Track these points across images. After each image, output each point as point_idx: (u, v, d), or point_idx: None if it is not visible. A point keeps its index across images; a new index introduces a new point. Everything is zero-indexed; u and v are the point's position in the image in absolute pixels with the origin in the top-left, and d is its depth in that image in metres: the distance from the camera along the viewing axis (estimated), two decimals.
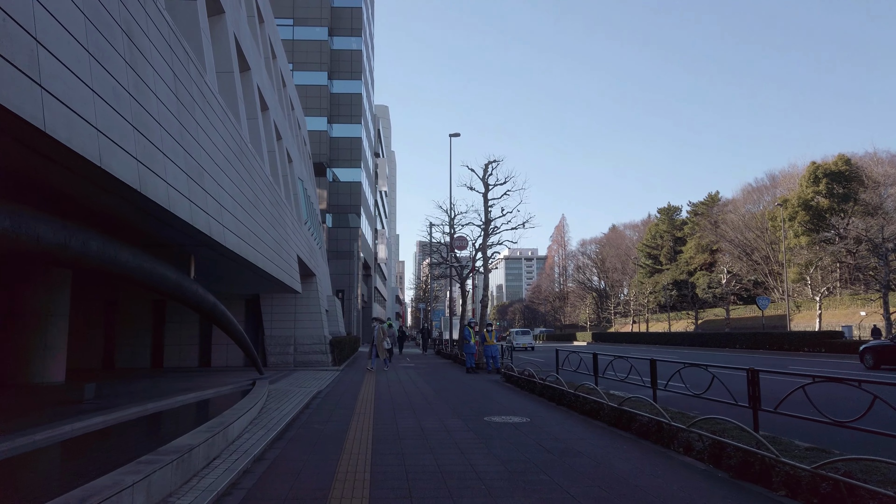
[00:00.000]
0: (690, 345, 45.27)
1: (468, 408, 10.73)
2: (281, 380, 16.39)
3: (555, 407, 10.98)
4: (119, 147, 5.97)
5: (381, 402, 11.67)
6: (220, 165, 8.80)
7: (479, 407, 10.85)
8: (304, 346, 22.28)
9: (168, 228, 7.72)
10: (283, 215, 14.98)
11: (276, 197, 14.17)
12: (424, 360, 27.94)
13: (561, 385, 11.39)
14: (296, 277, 15.80)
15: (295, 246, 16.44)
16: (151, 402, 9.59)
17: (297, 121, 31.55)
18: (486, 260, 25.06)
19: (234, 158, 9.71)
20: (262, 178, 12.57)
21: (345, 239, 53.53)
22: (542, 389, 12.48)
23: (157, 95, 7.22)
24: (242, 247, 9.35)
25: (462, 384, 15.57)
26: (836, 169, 66.99)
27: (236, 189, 9.55)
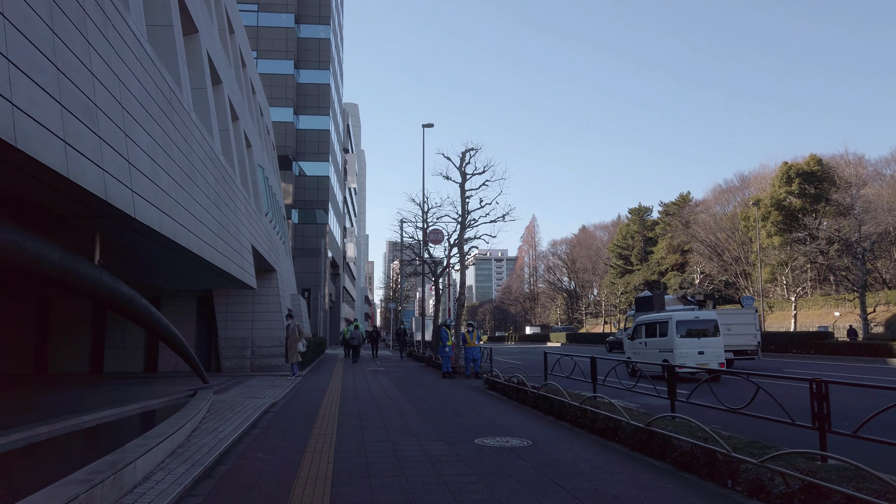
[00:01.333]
0: None
1: (453, 425, 8.86)
2: (231, 388, 14.29)
3: (555, 423, 9.17)
4: None
5: (347, 417, 9.72)
6: (133, 113, 6.80)
7: (466, 423, 8.98)
8: (263, 348, 20.15)
9: (35, 185, 5.53)
10: (233, 198, 12.93)
11: (223, 175, 12.12)
12: (396, 364, 25.98)
13: (561, 396, 9.59)
14: (249, 271, 13.75)
15: (249, 235, 14.37)
16: (58, 420, 7.53)
17: (258, 106, 29.31)
18: (462, 256, 23.24)
19: (159, 114, 7.70)
20: (206, 150, 10.54)
21: (311, 235, 51.19)
22: (536, 400, 10.68)
23: None
24: (165, 223, 7.33)
25: (441, 392, 13.69)
26: (809, 169, 66.98)
27: (160, 150, 7.56)
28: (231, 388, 14.24)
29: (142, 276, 13.42)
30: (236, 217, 12.75)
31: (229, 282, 13.20)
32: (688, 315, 17.92)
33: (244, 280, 12.71)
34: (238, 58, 23.44)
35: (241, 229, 13.16)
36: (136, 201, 6.55)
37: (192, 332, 20.42)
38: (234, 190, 13.72)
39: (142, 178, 6.81)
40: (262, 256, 17.78)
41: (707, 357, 16.37)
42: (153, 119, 7.39)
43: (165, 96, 8.39)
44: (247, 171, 19.63)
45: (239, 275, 12.23)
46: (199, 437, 7.46)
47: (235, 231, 12.39)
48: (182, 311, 20.41)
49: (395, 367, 23.24)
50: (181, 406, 9.25)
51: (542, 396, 10.39)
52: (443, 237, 23.66)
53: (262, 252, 17.33)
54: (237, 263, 11.98)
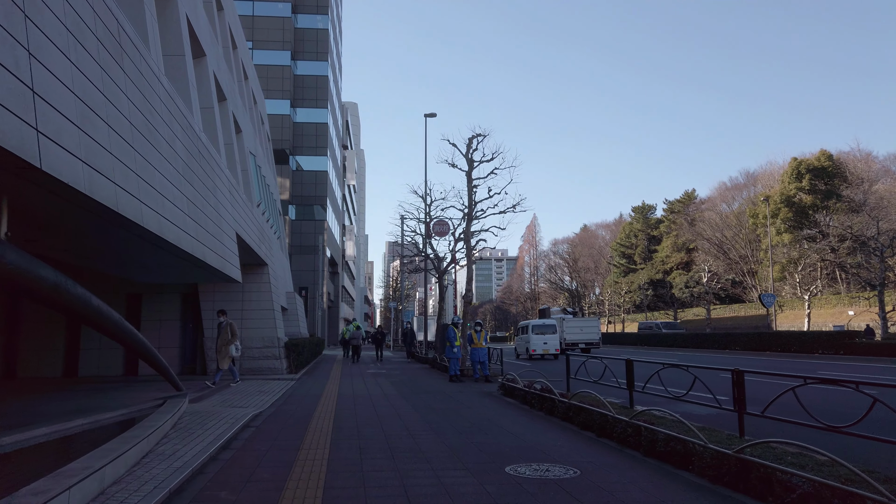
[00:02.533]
0: (683, 346, 42.12)
1: (474, 445, 7.18)
2: (212, 395, 12.60)
3: (595, 441, 7.50)
4: None
5: (343, 434, 8.04)
6: (61, 47, 5.14)
7: (490, 443, 7.31)
8: (253, 350, 18.46)
9: None
10: (213, 178, 11.24)
11: (200, 150, 10.44)
12: (398, 366, 24.29)
13: (602, 408, 7.91)
14: (232, 262, 12.06)
15: (233, 222, 12.68)
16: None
17: (251, 93, 27.65)
18: (469, 250, 21.54)
19: (108, 60, 6.03)
20: (178, 117, 8.85)
21: (309, 232, 49.47)
22: (566, 411, 9.00)
23: None
24: (99, 185, 5.61)
25: (451, 400, 12.00)
26: (819, 164, 65.25)
27: (104, 101, 5.89)
28: (212, 395, 12.56)
29: (102, 265, 11.72)
30: (216, 199, 11.07)
31: (207, 273, 11.51)
32: (538, 321, 30.17)
33: (225, 271, 11.04)
34: (228, 37, 21.77)
35: (223, 213, 11.48)
36: (58, 156, 4.87)
37: (176, 331, 18.74)
38: (216, 170, 12.05)
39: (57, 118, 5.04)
40: (251, 248, 16.10)
41: (548, 346, 28.48)
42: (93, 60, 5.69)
43: (117, 41, 6.72)
44: (235, 157, 17.96)
45: (218, 264, 10.55)
46: (148, 466, 5.77)
47: (215, 215, 10.72)
48: (165, 310, 18.73)
49: (397, 370, 21.56)
50: (140, 420, 7.58)
51: (576, 407, 8.70)
52: (448, 228, 21.93)
53: (250, 243, 15.65)
54: (216, 251, 10.32)
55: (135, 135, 6.59)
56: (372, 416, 9.68)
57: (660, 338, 44.89)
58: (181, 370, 18.75)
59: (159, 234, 7.14)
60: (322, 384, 15.81)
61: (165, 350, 18.49)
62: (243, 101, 23.85)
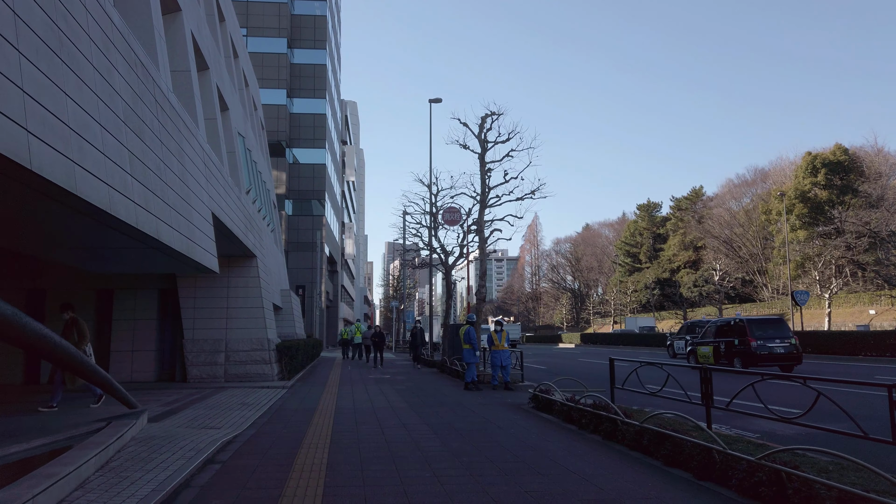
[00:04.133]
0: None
1: (532, 499, 4.95)
2: (183, 409, 10.38)
3: (696, 487, 5.28)
4: None
5: (342, 478, 5.81)
6: None
7: (556, 494, 5.08)
8: (240, 353, 16.24)
9: None
10: (179, 142, 9.03)
11: (158, 100, 8.21)
12: (402, 370, 22.05)
13: (710, 441, 5.68)
14: (206, 247, 9.81)
15: (209, 200, 10.45)
16: None
17: (242, 72, 25.46)
18: (483, 241, 19.34)
19: None
20: (120, 45, 6.63)
21: (307, 228, 47.22)
22: (636, 438, 6.80)
23: None
24: None
25: (476, 416, 9.77)
26: (835, 159, 62.99)
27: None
28: (183, 410, 10.33)
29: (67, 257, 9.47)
30: (182, 167, 8.86)
31: (171, 260, 9.28)
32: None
33: (193, 256, 8.82)
34: (214, 3, 19.58)
35: (193, 187, 9.24)
36: None
37: (153, 332, 16.52)
38: (186, 136, 9.83)
39: None
40: (236, 236, 13.88)
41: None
42: None
43: None
44: (219, 134, 15.76)
45: (182, 247, 8.34)
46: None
47: (179, 185, 8.52)
48: (140, 308, 16.51)
49: (401, 375, 19.34)
50: (63, 452, 5.36)
51: (653, 434, 6.48)
52: (460, 216, 19.67)
53: (234, 230, 13.43)
54: (179, 230, 8.12)
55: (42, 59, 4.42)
56: (378, 441, 7.46)
57: (659, 338, 42.49)
58: (158, 376, 16.54)
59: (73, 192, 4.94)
60: (318, 393, 13.59)
61: (140, 354, 16.30)
62: (232, 78, 21.66)
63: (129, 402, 7.94)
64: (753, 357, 18.86)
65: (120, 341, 16.19)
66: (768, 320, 20.37)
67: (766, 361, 18.69)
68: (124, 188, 6.02)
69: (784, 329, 19.78)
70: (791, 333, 19.75)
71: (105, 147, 5.58)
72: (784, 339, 19.42)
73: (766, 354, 18.83)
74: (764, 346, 19.03)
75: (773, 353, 18.82)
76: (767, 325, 19.93)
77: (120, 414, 7.86)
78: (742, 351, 19.41)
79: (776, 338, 19.35)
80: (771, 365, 18.67)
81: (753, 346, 19.01)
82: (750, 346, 19.07)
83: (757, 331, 19.51)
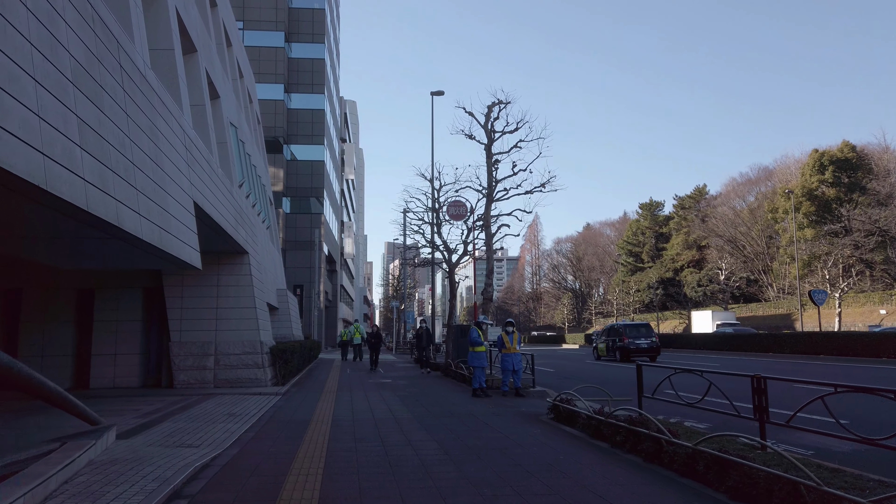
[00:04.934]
0: (730, 348, 36.77)
1: None
2: (162, 421, 9.27)
3: None
4: None
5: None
6: None
7: None
8: (230, 356, 15.14)
9: None
10: (153, 118, 7.93)
11: (125, 67, 7.11)
12: (402, 373, 20.95)
13: (799, 473, 4.56)
14: (184, 239, 8.65)
15: (190, 187, 9.31)
16: None
17: (236, 62, 24.35)
18: (489, 237, 18.25)
19: None
20: (92, 19, 5.54)
21: (305, 227, 46.09)
22: (689, 463, 5.71)
23: None
24: None
25: (490, 430, 8.67)
26: (843, 156, 61.87)
27: None
28: (162, 422, 9.23)
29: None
30: (156, 147, 7.76)
31: (146, 254, 8.16)
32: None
33: (169, 250, 7.69)
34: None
35: (170, 171, 8.12)
36: None
37: (137, 335, 15.42)
38: (162, 113, 8.73)
39: None
40: (224, 230, 12.76)
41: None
42: None
43: None
44: (208, 123, 14.66)
45: (153, 238, 7.22)
46: None
47: (153, 170, 7.41)
48: (123, 309, 15.42)
49: (403, 379, 18.25)
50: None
51: (712, 459, 5.38)
52: (466, 211, 18.54)
53: (222, 224, 12.32)
54: (149, 217, 7.01)
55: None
56: (381, 466, 6.36)
57: (685, 339, 41.34)
58: (143, 382, 15.45)
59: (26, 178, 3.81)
60: (313, 401, 12.49)
61: (123, 358, 15.21)
62: (224, 67, 20.55)
63: (90, 417, 6.83)
64: (626, 350, 26.25)
65: (102, 344, 15.10)
66: (638, 325, 28.55)
67: (635, 354, 25.57)
68: (69, 161, 4.93)
69: (649, 331, 27.59)
70: (654, 335, 27.32)
71: (41, 108, 4.50)
72: (648, 338, 26.82)
73: (634, 349, 26.02)
74: (633, 342, 26.44)
75: (640, 347, 26.14)
76: (638, 328, 27.91)
77: (80, 432, 6.75)
78: (620, 346, 26.71)
79: (642, 337, 26.80)
80: (639, 356, 24.94)
81: (626, 342, 26.59)
82: (625, 342, 26.65)
83: (630, 332, 27.23)
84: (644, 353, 25.63)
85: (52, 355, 14.99)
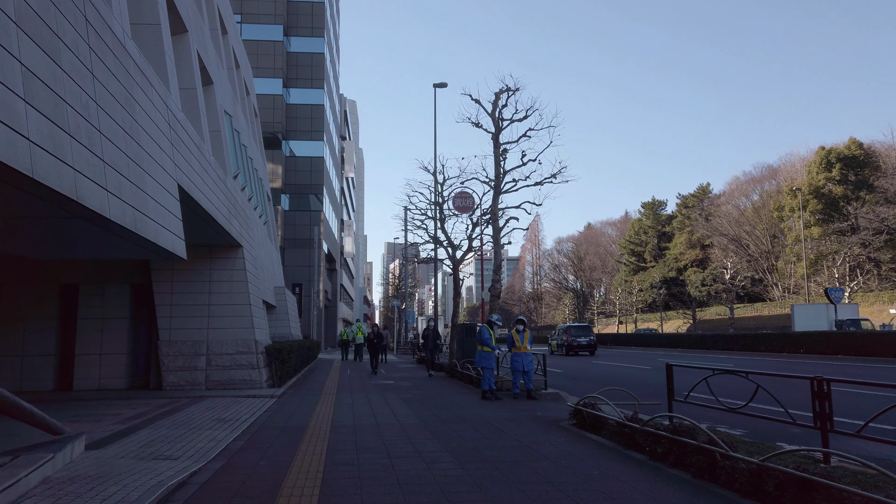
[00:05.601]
0: (739, 348, 35.65)
1: None
2: (144, 427, 8.36)
3: None
4: None
5: None
6: None
7: None
8: (223, 356, 14.22)
9: None
10: (132, 90, 7.04)
11: (104, 34, 6.22)
12: (405, 374, 20.03)
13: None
14: (170, 227, 7.71)
15: (174, 169, 8.37)
16: None
17: (232, 50, 23.45)
18: (497, 231, 17.34)
19: None
20: None
21: (304, 224, 45.16)
22: (755, 482, 4.80)
23: None
24: None
25: (507, 438, 7.75)
26: (850, 153, 60.93)
27: None
28: (142, 429, 8.31)
29: None
30: (133, 120, 6.85)
31: (121, 239, 7.20)
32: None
33: (145, 235, 6.77)
34: None
35: (149, 147, 7.16)
36: None
37: (124, 334, 14.49)
38: (142, 85, 7.83)
39: None
40: (216, 221, 11.86)
41: None
42: None
43: None
44: (199, 107, 13.76)
45: (129, 221, 6.30)
46: None
47: (127, 143, 6.51)
48: (110, 305, 14.50)
49: (406, 381, 17.34)
50: None
51: (801, 482, 4.47)
52: (473, 202, 17.57)
53: (212, 213, 11.41)
54: (124, 198, 6.09)
55: None
56: (387, 482, 5.44)
57: (694, 339, 40.34)
58: (131, 383, 14.53)
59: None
60: (311, 404, 11.58)
61: (110, 358, 14.29)
62: (219, 53, 19.64)
63: (52, 426, 5.92)
64: (571, 347, 33.38)
65: (86, 343, 14.18)
66: (581, 326, 36.11)
67: (576, 349, 33.24)
68: (7, 114, 4.03)
69: (588, 332, 34.87)
70: (592, 334, 34.79)
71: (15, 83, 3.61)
72: (587, 336, 33.96)
73: (577, 345, 33.35)
74: (576, 340, 33.58)
75: (581, 344, 33.41)
76: (580, 328, 35.32)
77: (39, 443, 5.83)
78: (566, 343, 33.70)
79: (583, 336, 33.96)
80: (581, 351, 33.38)
81: (570, 340, 33.62)
82: (569, 340, 33.68)
83: (573, 332, 34.50)
84: (584, 348, 33.25)
85: (33, 355, 14.07)
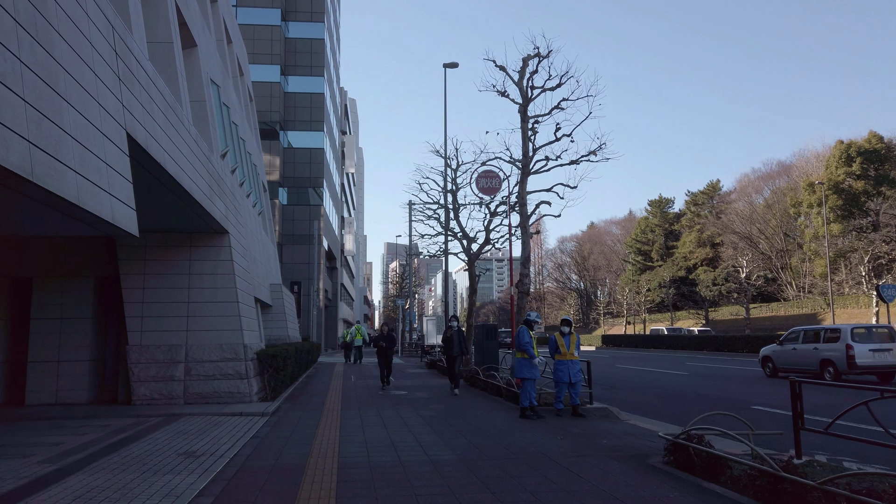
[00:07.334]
0: (721, 349, 34.63)
1: None
2: (78, 470, 6.00)
3: None
4: None
5: None
6: None
7: None
8: (206, 363, 11.88)
9: None
10: (78, 23, 4.73)
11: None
12: (419, 381, 17.66)
13: None
14: (112, 190, 5.37)
15: (121, 113, 6.02)
16: None
17: (223, 23, 21.15)
18: (525, 217, 15.00)
19: None
20: None
21: (303, 219, 42.81)
22: None
23: None
24: None
25: (587, 490, 5.40)
26: (870, 147, 58.64)
27: None
28: (72, 473, 5.96)
29: None
30: (46, 21, 4.56)
31: (28, 199, 4.82)
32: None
33: (66, 196, 4.45)
34: None
35: (68, 62, 4.77)
36: None
37: (87, 336, 12.14)
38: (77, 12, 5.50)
39: None
40: (193, 198, 9.53)
41: None
42: None
43: None
44: (177, 68, 11.42)
45: (37, 174, 4.04)
46: None
47: (32, 50, 4.21)
48: (69, 302, 12.16)
49: (422, 391, 15.01)
50: None
51: None
52: (500, 183, 15.13)
53: (187, 185, 9.08)
54: (29, 137, 3.84)
55: None
56: None
57: (702, 340, 38.12)
58: (96, 396, 12.21)
59: None
60: (311, 427, 9.24)
61: (69, 365, 11.93)
62: (206, 19, 17.31)
63: None
64: None
65: (41, 349, 11.83)
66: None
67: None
68: None
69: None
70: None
71: None
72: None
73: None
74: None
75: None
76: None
77: None
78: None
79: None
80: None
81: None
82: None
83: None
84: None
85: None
